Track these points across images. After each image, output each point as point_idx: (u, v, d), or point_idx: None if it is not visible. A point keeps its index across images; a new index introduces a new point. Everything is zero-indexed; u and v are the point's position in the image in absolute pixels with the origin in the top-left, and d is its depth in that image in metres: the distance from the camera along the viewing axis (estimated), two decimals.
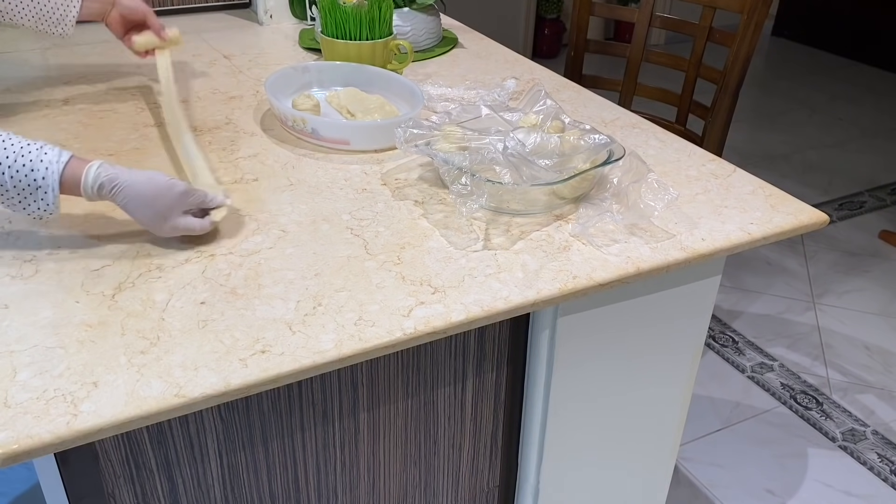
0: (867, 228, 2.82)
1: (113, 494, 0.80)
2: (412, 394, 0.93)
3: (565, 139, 1.02)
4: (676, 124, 1.88)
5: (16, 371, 0.71)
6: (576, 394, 1.01)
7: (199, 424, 0.81)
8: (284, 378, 0.73)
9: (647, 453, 1.16)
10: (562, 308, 0.92)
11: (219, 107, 1.27)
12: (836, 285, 2.50)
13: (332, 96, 1.25)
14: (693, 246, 0.94)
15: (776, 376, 2.11)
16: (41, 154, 0.83)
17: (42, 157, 0.83)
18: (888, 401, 2.03)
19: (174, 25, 1.26)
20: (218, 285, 0.83)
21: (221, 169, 1.07)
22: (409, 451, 0.98)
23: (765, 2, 1.67)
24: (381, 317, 0.80)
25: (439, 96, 1.32)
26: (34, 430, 0.65)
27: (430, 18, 1.57)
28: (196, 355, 0.73)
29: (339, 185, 1.04)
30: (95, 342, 0.75)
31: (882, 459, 1.86)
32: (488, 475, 1.08)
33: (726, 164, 1.14)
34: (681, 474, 1.79)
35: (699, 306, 1.05)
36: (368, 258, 0.89)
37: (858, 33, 4.42)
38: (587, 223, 0.95)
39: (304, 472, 0.91)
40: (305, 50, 1.55)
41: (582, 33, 1.94)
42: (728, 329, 2.29)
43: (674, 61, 1.89)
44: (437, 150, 0.99)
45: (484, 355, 0.95)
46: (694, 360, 1.10)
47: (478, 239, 0.93)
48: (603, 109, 1.31)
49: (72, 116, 1.22)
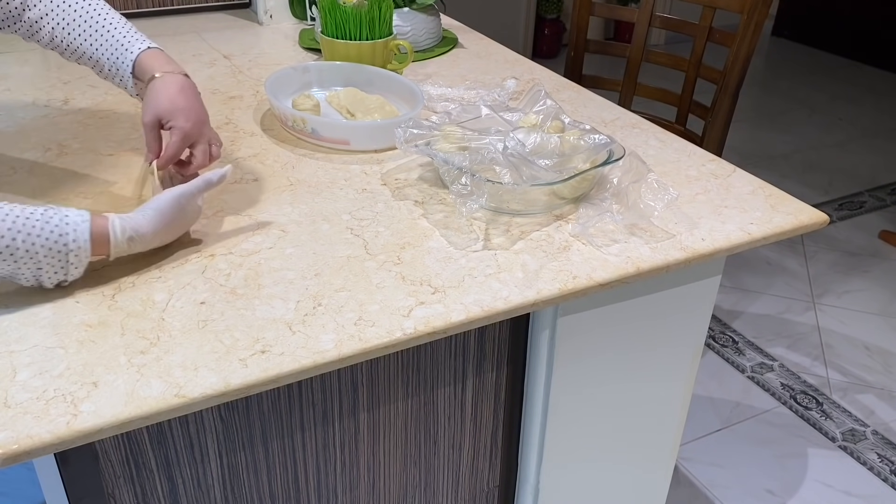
0: (867, 228, 2.82)
1: (113, 494, 0.80)
2: (412, 394, 0.93)
3: (565, 139, 1.02)
4: (676, 124, 1.88)
5: (16, 371, 0.71)
6: (576, 394, 1.01)
7: (199, 424, 0.81)
8: (284, 378, 0.73)
9: (647, 453, 1.16)
10: (562, 308, 0.92)
11: (219, 107, 1.27)
12: (836, 285, 2.50)
13: (332, 96, 1.25)
14: (693, 246, 0.94)
15: (776, 376, 2.11)
16: (61, 215, 0.78)
17: (64, 218, 0.78)
18: (888, 401, 2.03)
19: (174, 25, 1.25)
20: (218, 285, 0.83)
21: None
22: (409, 451, 0.98)
23: (765, 2, 1.67)
24: (381, 317, 0.80)
25: (439, 96, 1.32)
26: (34, 430, 0.65)
27: (430, 18, 1.57)
28: (196, 355, 0.73)
29: (339, 185, 1.04)
30: (95, 342, 0.75)
31: (882, 459, 1.85)
32: (488, 475, 1.08)
33: (726, 164, 1.14)
34: (681, 474, 1.79)
35: (699, 306, 1.05)
36: (368, 258, 0.89)
37: (858, 33, 4.42)
38: (587, 223, 0.95)
39: (304, 472, 0.91)
40: (305, 50, 1.55)
41: (582, 33, 1.94)
42: (728, 329, 2.29)
43: (674, 61, 1.89)
44: (437, 150, 0.99)
45: (484, 355, 0.95)
46: (694, 359, 1.10)
47: (478, 239, 0.93)
48: (603, 109, 1.31)
49: (72, 116, 1.22)
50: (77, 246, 0.78)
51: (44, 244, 0.76)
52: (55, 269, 0.78)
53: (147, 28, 1.62)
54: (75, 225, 0.78)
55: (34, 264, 0.77)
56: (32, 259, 0.76)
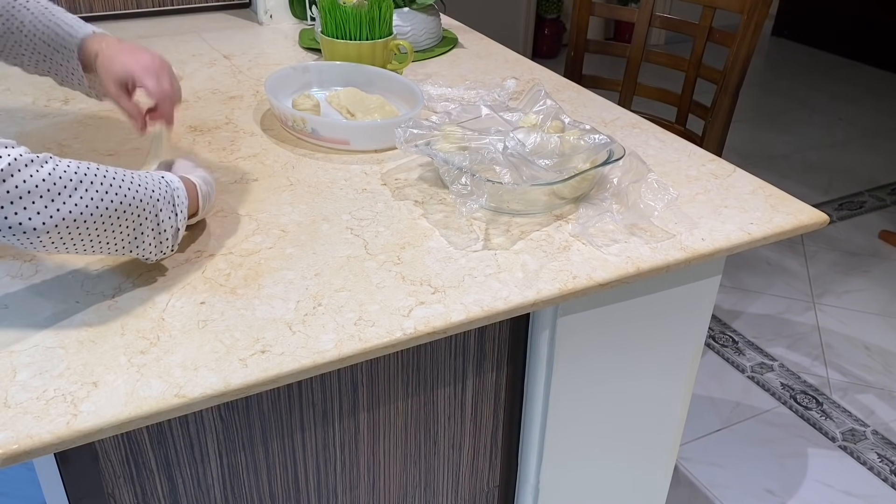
0: (867, 228, 2.82)
1: (113, 494, 0.80)
2: (412, 394, 0.93)
3: (565, 139, 1.02)
4: (676, 124, 1.88)
5: (16, 371, 0.71)
6: (576, 393, 1.01)
7: (199, 424, 0.81)
8: (284, 378, 0.73)
9: (647, 453, 1.16)
10: (562, 308, 0.92)
11: (219, 107, 1.27)
12: (836, 285, 2.50)
13: (332, 96, 1.25)
14: (693, 246, 0.94)
15: (776, 376, 2.11)
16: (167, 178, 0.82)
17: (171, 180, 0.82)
18: (888, 401, 2.03)
19: (174, 25, 1.25)
20: (218, 285, 0.83)
21: (221, 169, 1.07)
22: (409, 451, 0.98)
23: (765, 2, 1.67)
24: (381, 317, 0.80)
25: (439, 96, 1.32)
26: (34, 430, 0.65)
27: (430, 18, 1.57)
28: (196, 355, 0.73)
29: (339, 185, 1.04)
30: (95, 342, 0.75)
31: (882, 459, 1.85)
32: (488, 475, 1.08)
33: (726, 164, 1.14)
34: (681, 474, 1.79)
35: (699, 306, 1.05)
36: (368, 258, 0.89)
37: (858, 33, 4.42)
38: (587, 223, 0.95)
39: (304, 472, 0.91)
40: (305, 50, 1.55)
41: (582, 33, 1.94)
42: (728, 329, 2.29)
43: (674, 61, 1.89)
44: (437, 150, 0.99)
45: (484, 355, 0.95)
46: (694, 359, 1.10)
47: (478, 239, 0.93)
48: (603, 109, 1.31)
49: (72, 116, 1.22)
50: (181, 193, 0.82)
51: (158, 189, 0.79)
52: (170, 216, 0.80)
53: (147, 28, 1.63)
54: (176, 187, 0.82)
55: (154, 217, 0.78)
56: (153, 208, 0.78)
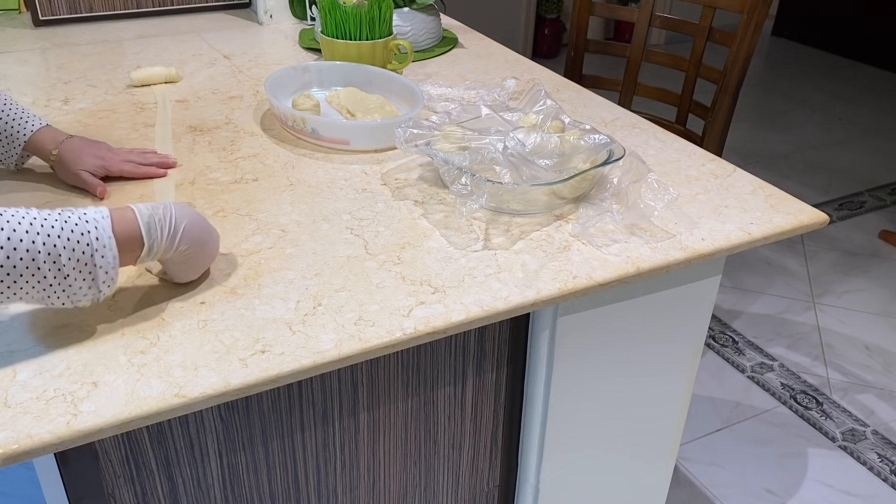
0: (867, 228, 2.82)
1: (113, 494, 0.80)
2: (412, 394, 0.93)
3: (565, 139, 1.02)
4: (676, 124, 1.88)
5: (16, 371, 0.71)
6: (576, 393, 1.01)
7: (199, 424, 0.81)
8: (284, 378, 0.73)
9: (648, 453, 1.16)
10: (562, 308, 0.92)
11: (219, 107, 1.27)
12: (836, 285, 2.50)
13: (332, 96, 1.25)
14: (693, 246, 0.94)
15: (776, 376, 2.11)
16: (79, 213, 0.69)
17: (82, 216, 0.69)
18: (888, 401, 2.03)
19: (174, 25, 1.25)
20: (218, 285, 0.83)
21: (221, 169, 1.07)
22: (409, 451, 0.98)
23: (765, 2, 1.67)
24: (381, 317, 0.80)
25: (439, 96, 1.32)
26: (34, 430, 0.65)
27: (430, 18, 1.57)
28: (196, 355, 0.73)
29: (339, 185, 1.04)
30: (95, 342, 0.75)
31: (882, 459, 1.85)
32: (488, 475, 1.08)
33: (726, 164, 1.14)
34: (681, 474, 1.79)
35: (699, 306, 1.05)
36: (368, 258, 0.89)
37: (858, 33, 4.42)
38: (587, 223, 0.95)
39: (304, 472, 0.91)
40: (305, 50, 1.55)
41: (582, 33, 1.94)
42: (728, 329, 2.29)
43: (674, 61, 1.89)
44: (437, 150, 0.99)
45: (484, 355, 0.95)
46: (694, 359, 1.10)
47: (478, 239, 0.93)
48: (603, 109, 1.31)
49: (72, 116, 1.22)
50: (101, 245, 0.69)
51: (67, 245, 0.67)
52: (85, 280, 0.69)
53: (147, 28, 1.63)
54: (95, 222, 0.69)
55: (61, 276, 0.68)
56: (60, 271, 0.67)
